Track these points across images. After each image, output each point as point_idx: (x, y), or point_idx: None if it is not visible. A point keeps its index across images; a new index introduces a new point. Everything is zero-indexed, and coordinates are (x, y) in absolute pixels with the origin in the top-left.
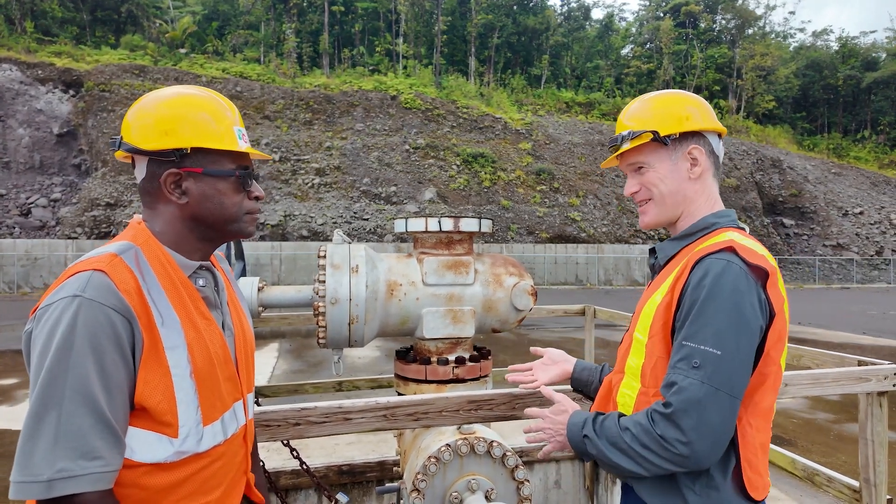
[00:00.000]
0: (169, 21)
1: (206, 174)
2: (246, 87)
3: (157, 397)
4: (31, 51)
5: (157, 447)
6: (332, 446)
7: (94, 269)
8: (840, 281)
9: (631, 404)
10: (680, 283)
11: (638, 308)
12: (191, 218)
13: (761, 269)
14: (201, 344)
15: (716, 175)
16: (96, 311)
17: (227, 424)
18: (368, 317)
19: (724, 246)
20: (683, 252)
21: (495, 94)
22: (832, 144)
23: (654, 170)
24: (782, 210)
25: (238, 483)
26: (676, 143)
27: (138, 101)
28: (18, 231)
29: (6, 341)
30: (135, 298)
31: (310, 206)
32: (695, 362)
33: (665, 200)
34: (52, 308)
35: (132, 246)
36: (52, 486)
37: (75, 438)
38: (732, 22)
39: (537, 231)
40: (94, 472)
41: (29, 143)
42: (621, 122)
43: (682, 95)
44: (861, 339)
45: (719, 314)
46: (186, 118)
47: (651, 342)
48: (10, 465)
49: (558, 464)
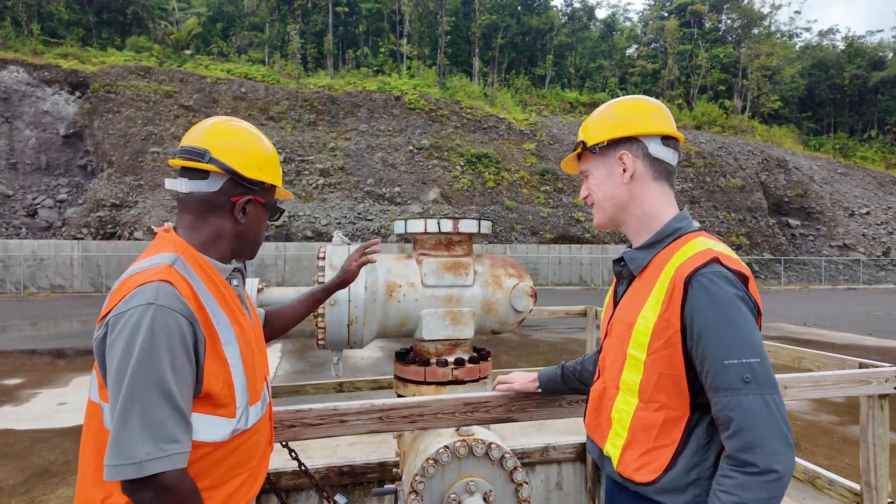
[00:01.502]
0: (174, 22)
1: (265, 205)
2: (250, 88)
3: (219, 385)
4: (38, 53)
5: (217, 427)
6: (332, 447)
7: (161, 280)
8: (846, 282)
9: (628, 420)
10: (675, 300)
11: (619, 317)
12: (237, 234)
13: (743, 275)
14: (244, 337)
15: (660, 178)
16: (168, 317)
17: (263, 402)
18: (367, 318)
19: (709, 258)
20: (657, 260)
21: (499, 95)
22: (838, 144)
23: (593, 176)
24: (788, 210)
25: (267, 452)
26: (607, 150)
27: (222, 125)
28: (25, 232)
29: (12, 341)
30: (194, 303)
31: (314, 206)
32: (745, 377)
33: (603, 204)
34: (129, 315)
35: (178, 257)
36: (142, 467)
37: (157, 426)
38: (738, 21)
39: (541, 231)
40: (174, 453)
41: (35, 145)
42: (579, 133)
43: (620, 103)
44: (866, 340)
45: (741, 325)
46: (272, 159)
47: (651, 359)
48: (14, 464)
49: (560, 465)
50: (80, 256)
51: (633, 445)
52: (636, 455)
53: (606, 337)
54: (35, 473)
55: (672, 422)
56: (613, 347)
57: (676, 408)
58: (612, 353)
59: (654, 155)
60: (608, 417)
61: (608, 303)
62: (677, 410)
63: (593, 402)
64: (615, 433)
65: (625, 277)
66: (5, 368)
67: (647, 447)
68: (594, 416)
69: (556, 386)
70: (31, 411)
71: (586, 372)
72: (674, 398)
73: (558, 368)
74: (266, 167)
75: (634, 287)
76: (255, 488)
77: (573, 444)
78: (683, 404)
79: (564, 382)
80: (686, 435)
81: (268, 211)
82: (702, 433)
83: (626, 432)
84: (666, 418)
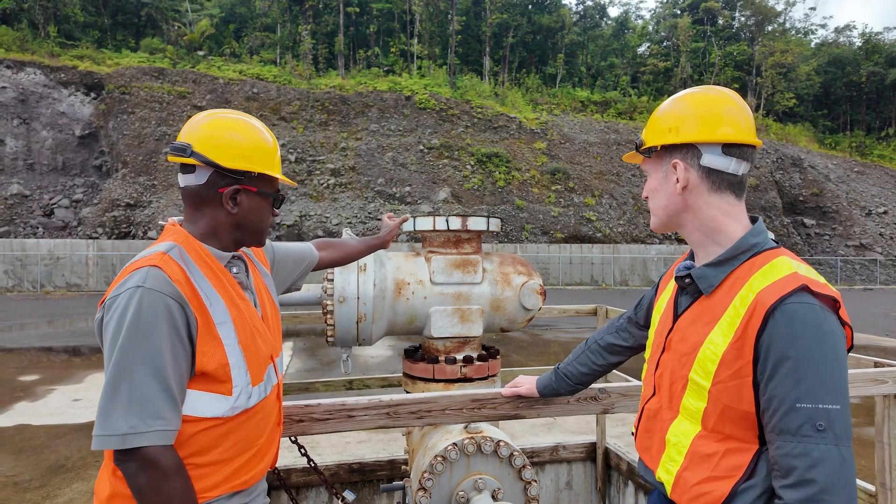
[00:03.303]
0: (187, 24)
1: (258, 193)
2: (262, 88)
3: (213, 364)
4: (55, 55)
5: (215, 404)
6: (343, 444)
7: (151, 265)
8: (863, 282)
9: (686, 444)
10: (751, 330)
11: (682, 335)
12: (234, 224)
13: (834, 301)
14: (243, 319)
15: (720, 189)
16: (154, 298)
17: (267, 383)
18: (376, 315)
19: (796, 286)
20: (731, 280)
21: (510, 94)
22: (855, 142)
23: (651, 179)
24: (803, 210)
25: (275, 433)
26: (662, 154)
27: (206, 118)
28: (42, 231)
29: (29, 339)
30: (185, 287)
31: (325, 206)
32: (819, 425)
33: (657, 212)
34: (120, 298)
35: (175, 245)
36: (126, 439)
37: (144, 402)
38: (752, 18)
39: (552, 231)
40: (158, 430)
41: (52, 145)
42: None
43: (686, 100)
44: (884, 340)
45: (826, 365)
46: (258, 147)
47: (717, 389)
48: (30, 459)
49: (570, 465)
50: (95, 255)
51: (690, 472)
52: (692, 483)
53: (664, 352)
54: (50, 468)
55: (736, 453)
56: (673, 367)
57: (743, 439)
58: (671, 373)
59: (708, 166)
60: (662, 439)
61: (664, 312)
62: (744, 442)
63: (647, 420)
64: (669, 457)
65: (689, 291)
66: (22, 365)
67: (705, 476)
68: (646, 436)
69: (554, 391)
70: (47, 407)
71: (578, 373)
72: (741, 430)
73: (552, 374)
74: (251, 156)
75: (702, 305)
76: (262, 464)
77: (583, 444)
78: (752, 436)
79: (561, 387)
80: (751, 467)
81: (267, 199)
82: (764, 466)
83: (682, 458)
84: (729, 449)
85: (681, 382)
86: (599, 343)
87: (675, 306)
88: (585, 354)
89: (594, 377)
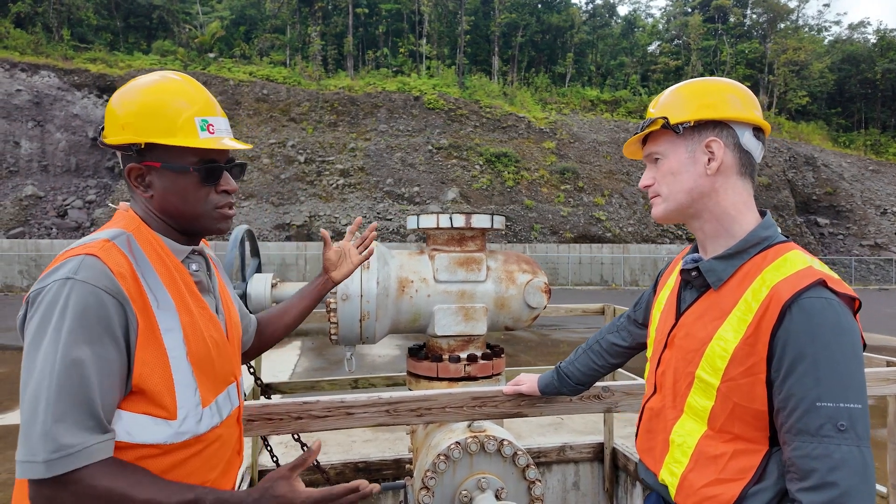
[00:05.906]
0: (198, 26)
1: (164, 168)
2: (272, 89)
3: (154, 379)
4: (68, 58)
5: (154, 430)
6: (349, 443)
7: (87, 254)
8: (878, 282)
9: (692, 445)
10: (766, 325)
11: (687, 331)
12: (160, 210)
13: (852, 299)
14: (196, 328)
15: (746, 173)
16: (87, 293)
17: (223, 406)
18: (380, 313)
19: (813, 280)
20: (741, 273)
21: (519, 94)
22: (870, 141)
23: (667, 160)
24: (816, 209)
25: (234, 463)
26: (692, 132)
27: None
28: (55, 232)
29: None
30: (129, 282)
31: (334, 206)
32: (840, 425)
33: (676, 196)
34: (45, 291)
35: (123, 232)
36: (51, 466)
37: (68, 417)
38: (764, 16)
39: (561, 231)
40: (91, 444)
41: (66, 147)
42: (649, 110)
43: (712, 82)
44: None
45: (846, 363)
46: (144, 112)
47: (726, 387)
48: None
49: (577, 465)
50: None
51: (696, 474)
52: (699, 485)
53: (666, 349)
54: None
55: (746, 454)
56: (677, 364)
57: (752, 440)
58: (674, 370)
59: (746, 146)
60: (665, 440)
61: (665, 307)
62: (753, 443)
63: (648, 420)
64: (673, 458)
65: (694, 285)
66: None
67: (712, 478)
68: (648, 436)
69: (556, 390)
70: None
71: (579, 374)
72: (751, 430)
73: (554, 373)
74: (135, 123)
75: (709, 299)
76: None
77: (590, 444)
78: (762, 437)
79: (562, 386)
80: (761, 469)
81: (185, 174)
82: (775, 468)
83: (687, 459)
84: (738, 450)
85: (686, 380)
86: (601, 343)
87: (679, 302)
88: (587, 354)
89: (595, 378)
